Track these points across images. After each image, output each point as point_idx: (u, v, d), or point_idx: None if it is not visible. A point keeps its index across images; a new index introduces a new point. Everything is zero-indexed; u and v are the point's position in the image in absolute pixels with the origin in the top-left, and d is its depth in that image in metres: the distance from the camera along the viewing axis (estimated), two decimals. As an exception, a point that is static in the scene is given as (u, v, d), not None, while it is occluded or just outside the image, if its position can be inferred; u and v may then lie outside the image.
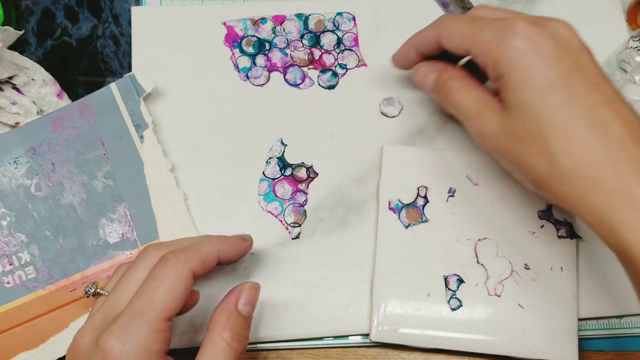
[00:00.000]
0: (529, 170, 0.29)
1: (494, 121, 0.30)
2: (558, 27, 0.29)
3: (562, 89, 0.27)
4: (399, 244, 0.36)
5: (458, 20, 0.31)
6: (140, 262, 0.28)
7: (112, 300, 0.27)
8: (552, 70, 0.27)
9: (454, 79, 0.33)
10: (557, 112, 0.27)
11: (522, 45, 0.28)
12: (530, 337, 0.34)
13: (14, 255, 0.35)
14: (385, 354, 0.36)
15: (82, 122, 0.37)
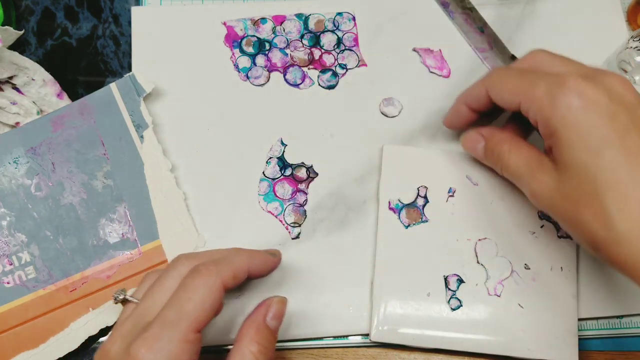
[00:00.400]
0: (586, 232, 0.27)
1: (548, 182, 0.29)
2: (613, 81, 0.28)
3: (619, 147, 0.26)
4: (399, 244, 0.36)
5: (508, 74, 0.31)
6: (172, 271, 0.28)
7: (142, 308, 0.27)
8: (607, 128, 0.26)
9: (503, 142, 0.32)
10: (613, 171, 0.26)
11: (575, 103, 0.27)
12: (530, 337, 0.34)
13: (14, 255, 0.35)
14: (385, 354, 0.36)
15: (82, 122, 0.37)
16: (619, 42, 0.38)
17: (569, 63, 0.30)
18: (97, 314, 0.35)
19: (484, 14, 0.42)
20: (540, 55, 0.31)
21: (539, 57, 0.31)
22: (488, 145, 0.34)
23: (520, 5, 0.43)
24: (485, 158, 0.34)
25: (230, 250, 0.30)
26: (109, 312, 0.35)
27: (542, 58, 0.31)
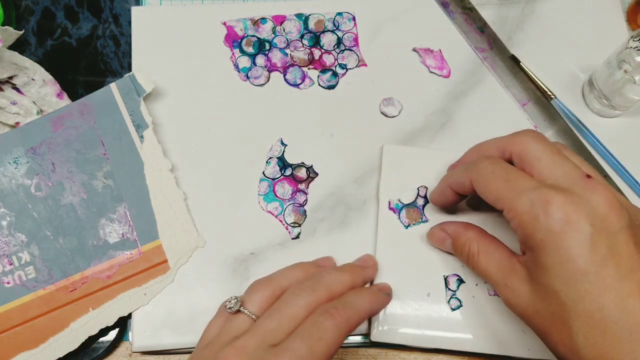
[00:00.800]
0: (555, 350, 0.28)
1: (521, 292, 0.29)
2: (598, 201, 0.27)
3: (593, 279, 0.26)
4: (399, 244, 0.36)
5: (494, 176, 0.30)
6: (297, 299, 0.29)
7: (268, 330, 0.28)
8: (583, 259, 0.26)
9: (471, 243, 0.32)
10: (583, 302, 0.26)
11: (556, 228, 0.27)
12: (530, 337, 0.34)
13: (14, 255, 0.35)
14: (385, 354, 0.36)
15: (82, 122, 0.37)
16: (619, 42, 0.38)
17: (560, 165, 0.29)
18: (97, 314, 0.35)
19: (484, 14, 0.42)
20: (531, 146, 0.30)
21: (530, 149, 0.30)
22: (456, 245, 0.34)
23: (520, 5, 0.43)
24: (455, 254, 0.34)
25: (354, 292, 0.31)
26: (109, 312, 0.35)
27: (532, 152, 0.30)
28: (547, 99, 0.40)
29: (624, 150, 0.39)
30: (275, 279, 0.32)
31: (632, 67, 0.36)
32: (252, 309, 0.30)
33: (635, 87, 0.37)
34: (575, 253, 0.26)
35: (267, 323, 0.29)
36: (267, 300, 0.31)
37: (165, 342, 0.35)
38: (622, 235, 0.27)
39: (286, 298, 0.30)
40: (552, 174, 0.29)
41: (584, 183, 0.28)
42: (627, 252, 0.27)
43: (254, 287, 0.31)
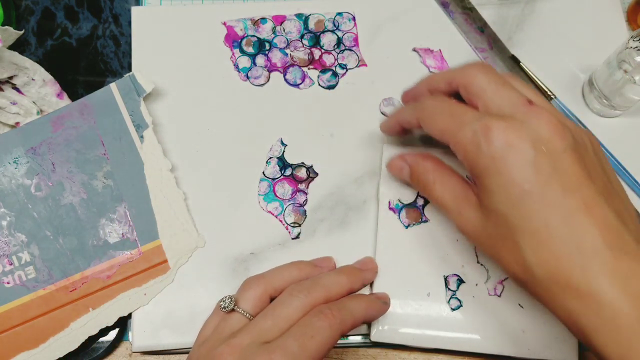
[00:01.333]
0: (508, 271, 0.29)
1: (473, 218, 0.30)
2: (540, 126, 0.28)
3: (538, 198, 0.27)
4: (399, 244, 0.36)
5: (438, 112, 0.31)
6: (292, 300, 0.30)
7: (263, 329, 0.29)
8: (527, 180, 0.27)
9: (427, 173, 0.33)
10: (531, 222, 0.27)
11: (498, 153, 0.27)
12: (530, 337, 0.34)
13: (14, 255, 0.35)
14: (385, 354, 0.36)
15: (82, 122, 0.37)
16: (619, 42, 0.38)
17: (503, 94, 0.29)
18: (97, 314, 0.35)
19: (484, 14, 0.42)
20: (477, 79, 0.30)
21: (475, 81, 0.30)
22: (413, 174, 0.34)
23: (520, 5, 0.43)
24: (412, 184, 0.35)
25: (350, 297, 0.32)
26: (109, 312, 0.35)
27: (478, 83, 0.30)
28: (547, 99, 0.40)
29: (624, 150, 0.39)
30: (268, 276, 0.32)
31: (632, 67, 0.36)
32: (245, 307, 0.31)
33: (635, 87, 0.37)
34: (518, 175, 0.27)
35: (262, 322, 0.29)
36: (261, 298, 0.31)
37: (165, 342, 0.35)
38: (566, 156, 0.27)
39: (282, 298, 0.30)
40: (495, 103, 0.29)
41: (526, 109, 0.28)
42: (572, 171, 0.27)
43: (247, 285, 0.32)
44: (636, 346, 0.25)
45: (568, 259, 0.26)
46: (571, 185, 0.27)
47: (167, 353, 0.36)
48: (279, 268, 0.33)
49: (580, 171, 0.27)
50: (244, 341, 0.28)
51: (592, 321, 0.26)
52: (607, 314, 0.25)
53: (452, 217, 0.32)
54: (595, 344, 0.26)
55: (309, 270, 0.33)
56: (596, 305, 0.26)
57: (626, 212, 0.28)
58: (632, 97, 0.38)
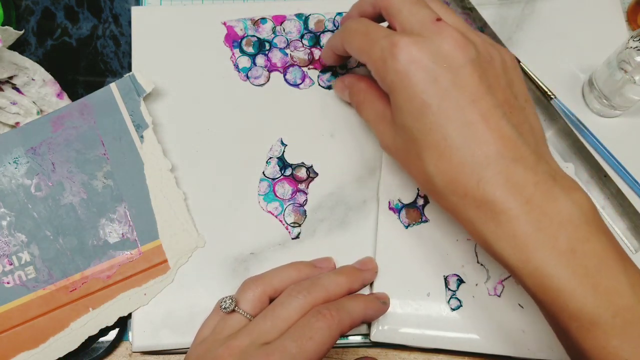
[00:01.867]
0: (416, 182, 0.31)
1: (388, 134, 0.32)
2: (443, 41, 0.28)
3: (436, 110, 0.28)
4: (399, 244, 0.36)
5: (355, 32, 0.32)
6: (292, 301, 0.30)
7: (262, 330, 0.29)
8: (427, 93, 0.28)
9: (359, 93, 0.35)
10: (430, 134, 0.28)
11: (401, 68, 0.28)
12: (530, 337, 0.34)
13: (14, 255, 0.35)
14: (385, 354, 0.36)
15: (82, 122, 0.37)
16: (619, 42, 0.38)
17: (415, 12, 0.30)
18: (97, 314, 0.35)
19: (484, 14, 0.42)
20: (395, 0, 0.31)
21: (393, 3, 0.31)
22: (350, 94, 0.37)
23: (520, 5, 0.43)
24: (351, 102, 0.37)
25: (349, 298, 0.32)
26: (109, 312, 0.35)
27: (395, 4, 0.31)
28: (547, 99, 0.40)
29: (624, 150, 0.39)
30: (267, 277, 0.32)
31: (632, 67, 0.36)
32: (245, 308, 0.31)
33: (635, 87, 0.37)
34: (418, 89, 0.28)
35: (261, 323, 0.29)
36: (260, 299, 0.31)
37: (165, 342, 0.35)
38: (466, 69, 0.28)
39: (282, 299, 0.30)
40: (408, 23, 0.30)
41: (432, 26, 0.29)
42: (471, 84, 0.28)
43: (246, 285, 0.32)
44: (532, 250, 0.26)
45: (464, 169, 0.27)
46: (468, 98, 0.28)
47: (167, 353, 0.36)
48: (278, 269, 0.33)
49: (479, 84, 0.28)
50: (243, 342, 0.29)
51: (491, 229, 0.27)
52: (502, 220, 0.27)
53: (375, 134, 0.34)
54: (496, 251, 0.27)
55: (308, 270, 0.33)
56: (492, 212, 0.27)
57: (526, 125, 0.29)
58: (632, 97, 0.38)
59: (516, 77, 0.31)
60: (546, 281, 0.26)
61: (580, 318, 0.26)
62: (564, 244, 0.26)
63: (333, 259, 0.35)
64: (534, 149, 0.28)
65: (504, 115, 0.28)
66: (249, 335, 0.29)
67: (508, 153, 0.27)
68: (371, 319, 0.33)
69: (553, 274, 0.26)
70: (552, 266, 0.26)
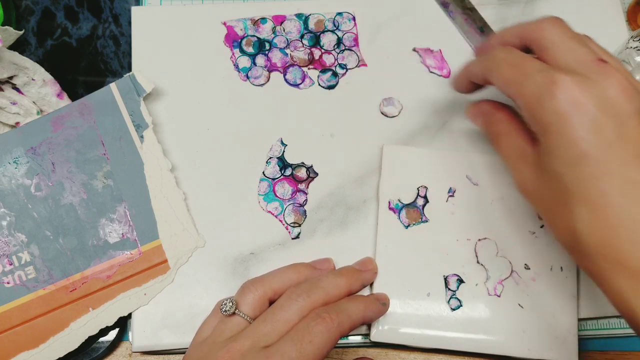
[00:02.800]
0: (558, 237, 0.28)
1: (529, 177, 0.29)
2: (609, 86, 0.26)
3: (597, 162, 0.25)
4: (399, 244, 0.36)
5: (503, 61, 0.29)
6: (292, 304, 0.30)
7: (262, 333, 0.29)
8: (588, 143, 0.25)
9: (498, 124, 0.32)
10: (587, 188, 0.26)
11: (561, 109, 0.26)
12: (530, 337, 0.34)
13: (14, 255, 0.35)
14: (385, 354, 0.36)
15: (82, 122, 0.37)
16: (619, 42, 0.38)
17: (574, 49, 0.28)
18: (97, 314, 0.35)
19: (484, 14, 0.42)
20: (547, 32, 0.29)
21: (546, 35, 0.29)
22: (486, 123, 0.34)
23: (520, 5, 0.43)
24: (484, 131, 0.34)
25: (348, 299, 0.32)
26: (109, 312, 0.35)
27: (548, 37, 0.29)
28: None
29: (624, 150, 0.39)
30: (267, 279, 0.32)
31: (632, 67, 0.36)
32: (245, 310, 0.31)
33: (635, 87, 0.37)
34: (579, 135, 0.25)
35: (261, 326, 0.29)
36: (260, 301, 0.31)
37: (165, 342, 0.35)
38: (633, 121, 0.25)
39: (282, 302, 0.30)
40: (564, 58, 0.27)
41: (596, 67, 0.26)
42: (636, 138, 0.25)
43: (246, 288, 0.32)
44: None
45: (621, 232, 0.25)
46: (634, 154, 0.25)
47: (167, 353, 0.36)
48: (278, 271, 0.33)
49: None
50: (243, 346, 0.29)
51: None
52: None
53: (511, 171, 0.31)
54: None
55: (308, 272, 0.33)
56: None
57: None
58: (632, 97, 0.38)
59: None
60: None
61: None
62: None
63: (332, 259, 0.35)
64: None
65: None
66: (249, 338, 0.29)
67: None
68: (370, 320, 0.33)
69: None
70: None
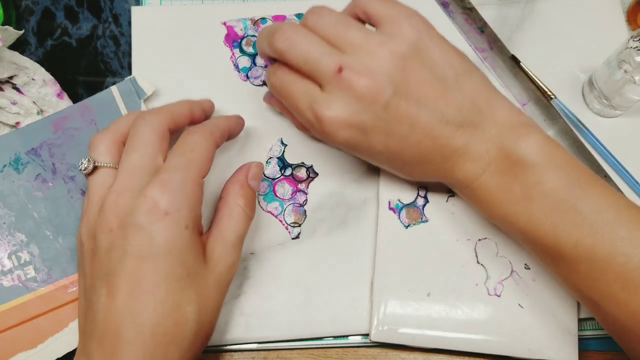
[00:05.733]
0: None
1: None
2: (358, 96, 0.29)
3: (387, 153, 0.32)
4: (399, 244, 0.36)
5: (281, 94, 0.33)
6: (144, 126, 0.30)
7: (135, 164, 0.29)
8: (371, 147, 0.31)
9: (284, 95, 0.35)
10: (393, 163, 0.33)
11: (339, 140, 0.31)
12: (530, 337, 0.34)
13: (13, 255, 0.35)
14: (385, 354, 0.36)
15: (83, 124, 0.37)
16: (619, 42, 0.38)
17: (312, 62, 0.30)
18: (96, 314, 0.34)
19: (484, 14, 0.42)
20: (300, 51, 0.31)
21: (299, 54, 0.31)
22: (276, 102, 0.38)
23: (520, 5, 0.43)
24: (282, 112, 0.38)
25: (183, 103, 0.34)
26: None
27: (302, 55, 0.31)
28: (547, 99, 0.40)
29: (624, 150, 0.39)
30: (111, 127, 0.32)
31: (632, 67, 0.36)
32: (105, 159, 0.31)
33: (635, 87, 0.37)
34: (364, 147, 0.31)
35: (129, 159, 0.29)
36: (115, 146, 0.31)
37: (165, 342, 0.35)
38: (390, 107, 0.30)
39: (133, 132, 0.31)
40: (314, 77, 0.30)
41: (338, 82, 0.30)
42: (401, 115, 0.30)
43: (93, 142, 0.32)
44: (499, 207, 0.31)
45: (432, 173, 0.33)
46: (406, 128, 0.30)
47: (167, 353, 0.36)
48: (119, 118, 0.33)
49: (407, 109, 0.30)
50: (127, 183, 0.29)
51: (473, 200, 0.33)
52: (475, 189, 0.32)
53: None
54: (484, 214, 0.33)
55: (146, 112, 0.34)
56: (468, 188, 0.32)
57: (466, 101, 0.31)
58: (632, 97, 0.38)
59: (433, 47, 0.31)
60: (513, 228, 0.31)
61: (549, 252, 0.30)
62: (519, 193, 0.30)
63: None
64: (479, 120, 0.31)
65: (443, 116, 0.30)
66: (127, 174, 0.29)
67: (457, 143, 0.31)
68: (235, 132, 0.35)
69: (515, 221, 0.30)
70: (512, 215, 0.30)
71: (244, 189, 0.32)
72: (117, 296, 0.27)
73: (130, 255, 0.27)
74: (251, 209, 0.32)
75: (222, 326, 0.34)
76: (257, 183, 0.34)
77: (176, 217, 0.28)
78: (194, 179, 0.29)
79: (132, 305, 0.27)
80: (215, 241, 0.30)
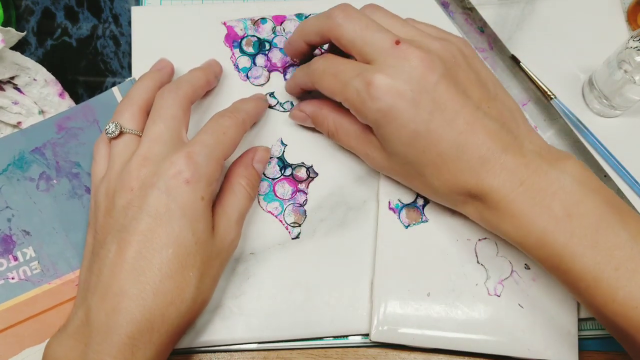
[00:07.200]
0: (421, 193, 0.35)
1: (380, 159, 0.34)
2: (410, 66, 0.30)
3: (426, 134, 0.30)
4: (399, 244, 0.36)
5: (324, 73, 0.33)
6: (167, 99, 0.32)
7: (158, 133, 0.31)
8: (413, 122, 0.30)
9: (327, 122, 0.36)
10: (426, 156, 0.31)
11: (383, 106, 0.30)
12: (530, 337, 0.34)
13: (18, 251, 0.35)
14: (385, 354, 0.36)
15: (85, 124, 0.38)
16: (619, 42, 0.38)
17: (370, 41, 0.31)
18: (97, 314, 0.35)
19: (484, 14, 0.42)
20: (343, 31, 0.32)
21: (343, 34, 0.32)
22: (315, 122, 0.37)
23: (520, 5, 0.43)
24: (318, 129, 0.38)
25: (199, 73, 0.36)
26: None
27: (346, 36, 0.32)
28: (547, 99, 0.40)
29: (624, 150, 0.39)
30: (132, 95, 0.34)
31: (632, 67, 0.36)
32: (131, 126, 0.33)
33: (635, 87, 0.37)
34: (405, 120, 0.30)
35: (156, 128, 0.31)
36: (139, 113, 0.33)
37: (166, 342, 0.35)
38: (441, 86, 0.30)
39: (160, 103, 0.32)
40: (367, 51, 0.31)
41: (394, 52, 0.30)
42: (450, 98, 0.30)
43: (118, 111, 0.33)
44: (530, 223, 0.29)
45: (464, 175, 0.30)
46: (452, 112, 0.30)
47: (168, 353, 0.36)
48: (137, 84, 0.35)
49: (456, 95, 0.30)
50: (152, 149, 0.31)
51: (495, 215, 0.31)
52: (502, 205, 0.30)
53: (362, 158, 0.36)
54: (502, 232, 0.31)
55: (158, 76, 0.36)
56: (493, 201, 0.30)
57: (506, 112, 0.32)
58: (632, 97, 0.38)
59: (478, 63, 0.33)
60: (548, 249, 0.29)
61: (585, 277, 0.28)
62: (559, 211, 0.29)
63: None
64: (517, 134, 0.31)
65: (485, 115, 0.30)
66: (151, 141, 0.31)
67: (496, 147, 0.30)
68: (260, 115, 0.38)
69: (553, 241, 0.29)
70: (550, 233, 0.29)
71: (247, 170, 0.35)
72: (126, 252, 0.28)
73: (147, 214, 0.29)
74: (253, 189, 0.34)
75: (223, 326, 0.35)
76: (262, 166, 0.36)
77: (195, 187, 0.30)
78: (217, 158, 0.31)
79: (139, 262, 0.28)
80: (218, 217, 0.32)
